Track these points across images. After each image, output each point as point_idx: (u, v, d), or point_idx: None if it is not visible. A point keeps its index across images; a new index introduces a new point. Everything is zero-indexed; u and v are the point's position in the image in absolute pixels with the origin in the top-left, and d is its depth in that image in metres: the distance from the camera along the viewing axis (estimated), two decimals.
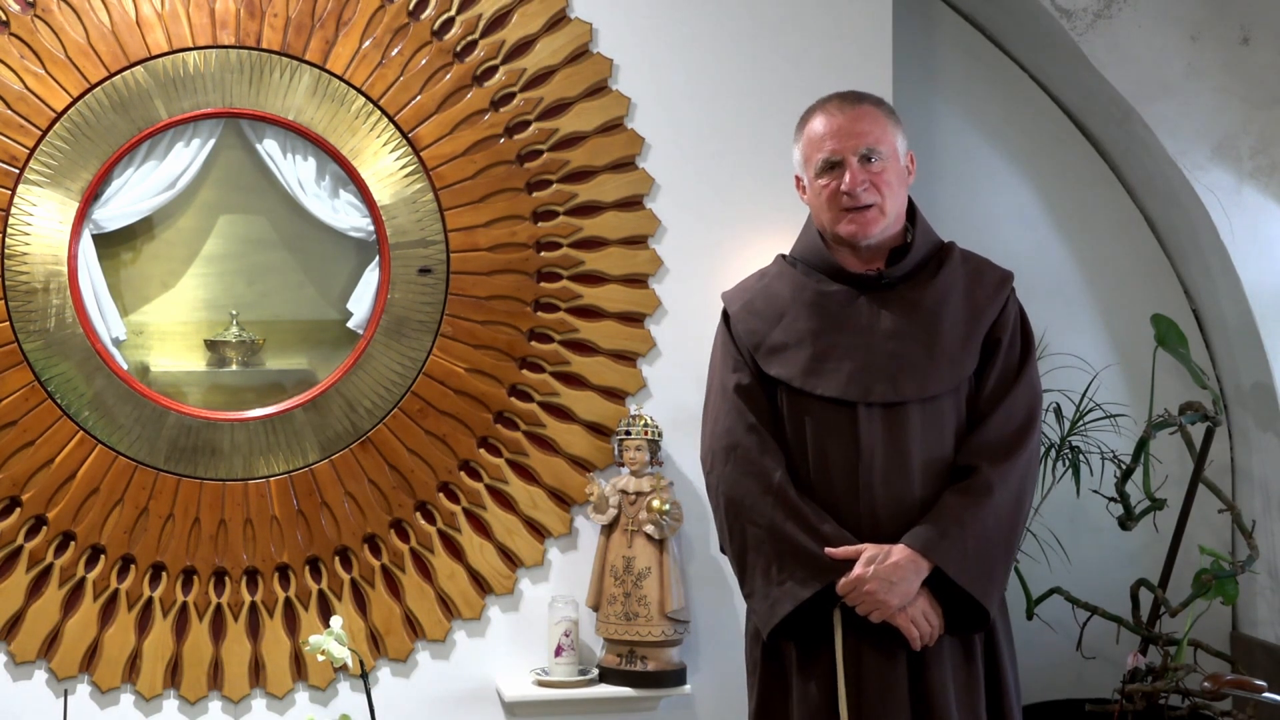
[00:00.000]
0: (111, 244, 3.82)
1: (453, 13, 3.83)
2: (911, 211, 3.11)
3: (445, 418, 3.85)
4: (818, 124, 3.05)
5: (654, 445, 3.83)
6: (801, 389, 3.01)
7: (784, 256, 3.18)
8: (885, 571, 2.88)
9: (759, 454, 3.01)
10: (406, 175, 3.82)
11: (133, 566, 3.74)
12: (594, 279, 3.92)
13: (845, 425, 2.98)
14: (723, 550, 3.13)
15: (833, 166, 3.02)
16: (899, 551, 2.89)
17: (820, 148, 3.03)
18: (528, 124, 3.87)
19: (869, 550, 2.91)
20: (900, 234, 3.08)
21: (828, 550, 2.92)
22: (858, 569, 2.90)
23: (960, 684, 2.96)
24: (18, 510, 3.68)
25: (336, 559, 3.82)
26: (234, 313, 3.94)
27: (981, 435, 2.98)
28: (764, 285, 3.16)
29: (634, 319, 3.94)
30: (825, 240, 3.10)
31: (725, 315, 3.17)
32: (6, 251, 3.65)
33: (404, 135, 3.81)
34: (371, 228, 3.84)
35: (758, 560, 2.99)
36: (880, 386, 2.96)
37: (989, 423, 2.98)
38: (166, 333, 3.94)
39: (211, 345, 3.93)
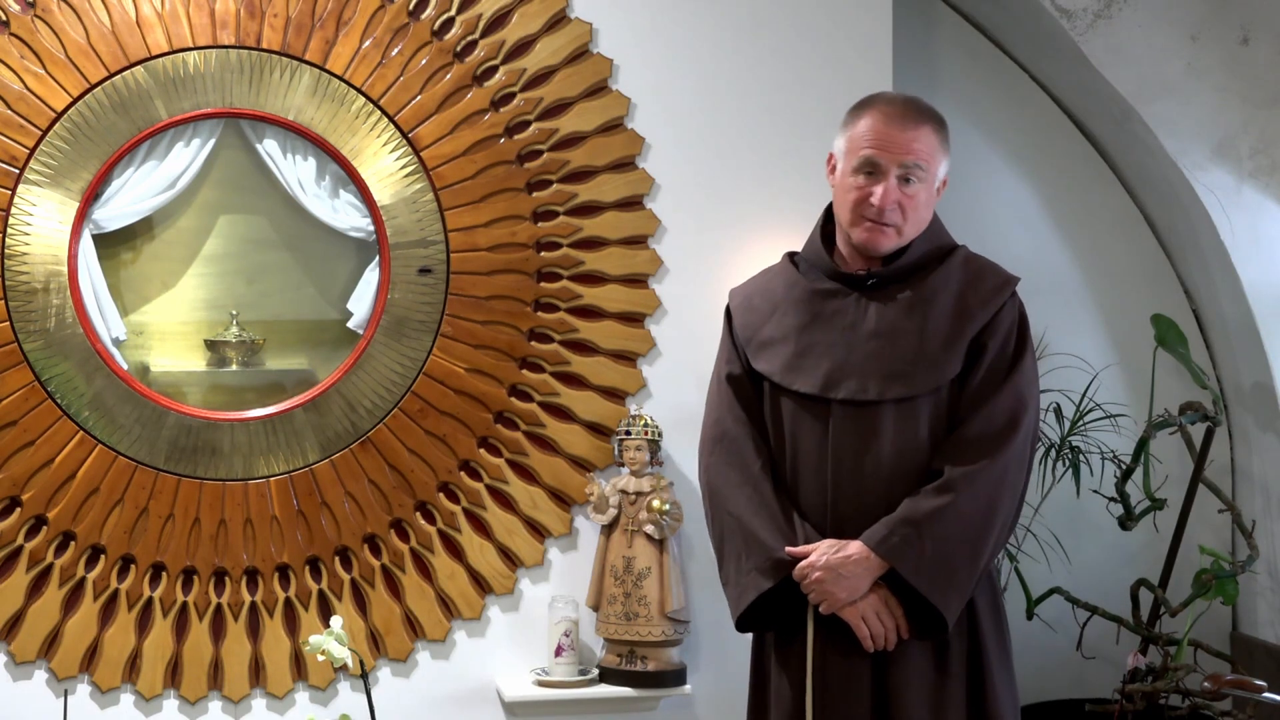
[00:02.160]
0: (111, 244, 3.82)
1: (453, 13, 3.83)
2: None
3: (445, 418, 3.85)
4: (875, 120, 2.98)
5: (654, 445, 3.83)
6: (780, 384, 3.03)
7: (791, 254, 3.18)
8: (835, 563, 2.89)
9: (743, 445, 3.04)
10: (406, 175, 3.82)
11: (133, 566, 3.74)
12: (594, 279, 3.92)
13: (818, 422, 2.98)
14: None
15: (872, 170, 2.97)
16: (853, 546, 2.90)
17: (867, 144, 2.97)
18: (528, 124, 3.87)
19: (826, 542, 2.92)
20: None
21: (788, 549, 2.93)
22: (810, 557, 2.91)
23: (929, 687, 2.92)
24: (18, 510, 3.68)
25: (336, 559, 3.82)
26: (234, 313, 3.94)
27: (954, 439, 2.95)
28: (765, 281, 3.18)
29: (634, 319, 3.94)
30: (828, 239, 3.10)
31: (728, 309, 3.19)
32: (6, 251, 3.65)
33: (404, 135, 3.81)
34: (371, 228, 3.84)
35: (731, 549, 3.03)
36: (851, 384, 2.95)
37: (964, 427, 2.95)
38: (166, 333, 3.94)
39: (211, 345, 3.93)
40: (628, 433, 3.83)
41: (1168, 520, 4.25)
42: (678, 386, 3.94)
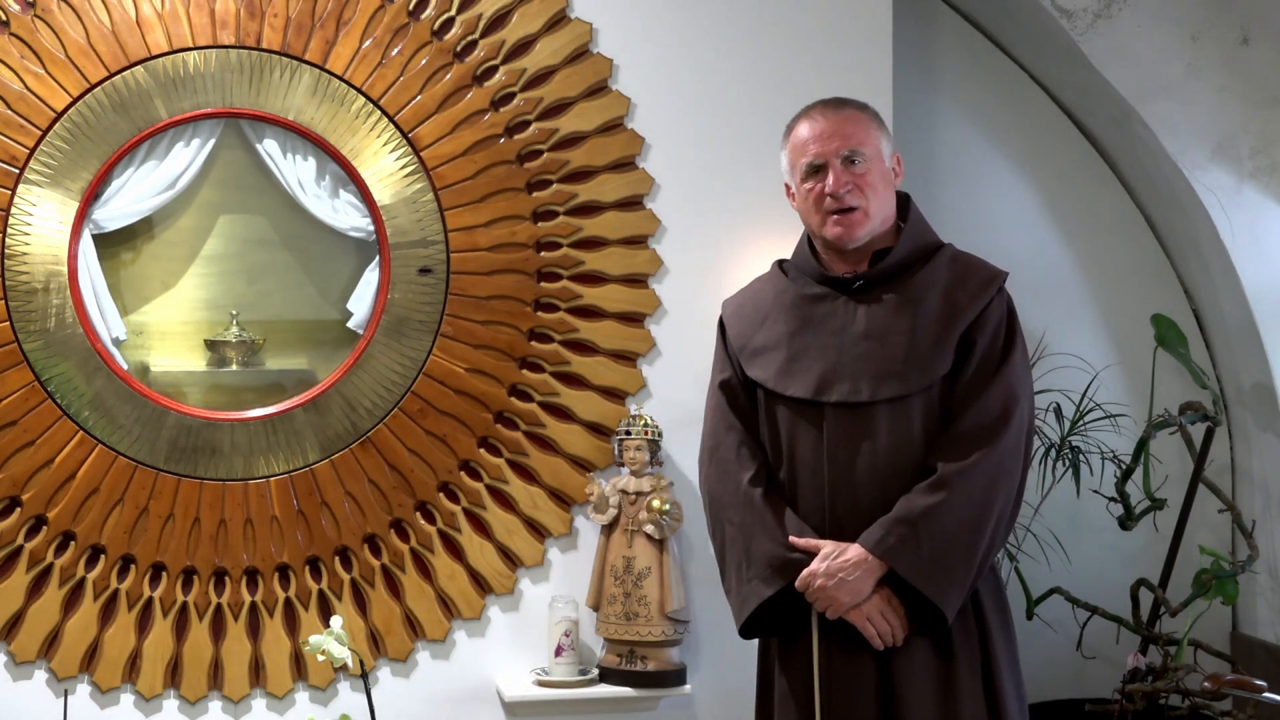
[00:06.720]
0: (111, 244, 3.82)
1: (453, 13, 3.83)
2: (905, 213, 3.11)
3: (445, 418, 3.85)
4: (802, 130, 3.08)
5: (654, 445, 3.83)
6: (774, 390, 3.05)
7: (780, 262, 3.21)
8: (836, 568, 2.91)
9: (735, 455, 3.07)
10: (406, 175, 3.82)
11: (133, 566, 3.74)
12: (594, 279, 3.92)
13: (812, 426, 3.01)
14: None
15: (817, 170, 3.04)
16: (853, 550, 2.91)
17: (804, 152, 3.06)
18: (528, 124, 3.87)
19: (826, 547, 2.94)
20: (888, 235, 3.08)
21: (791, 539, 2.95)
22: (812, 565, 2.93)
23: (936, 683, 2.94)
24: (18, 510, 3.68)
25: (336, 559, 3.82)
26: (234, 313, 3.94)
27: (947, 435, 2.96)
28: (755, 290, 3.22)
29: (634, 319, 3.95)
30: (813, 245, 3.13)
31: (721, 320, 3.22)
32: (6, 251, 3.65)
33: (404, 135, 3.81)
34: (371, 228, 3.84)
35: (731, 558, 3.06)
36: (844, 387, 2.98)
37: (956, 423, 2.96)
38: (166, 333, 3.94)
39: (211, 345, 3.94)
40: (628, 433, 3.83)
41: (1168, 520, 4.26)
42: (678, 386, 3.94)
